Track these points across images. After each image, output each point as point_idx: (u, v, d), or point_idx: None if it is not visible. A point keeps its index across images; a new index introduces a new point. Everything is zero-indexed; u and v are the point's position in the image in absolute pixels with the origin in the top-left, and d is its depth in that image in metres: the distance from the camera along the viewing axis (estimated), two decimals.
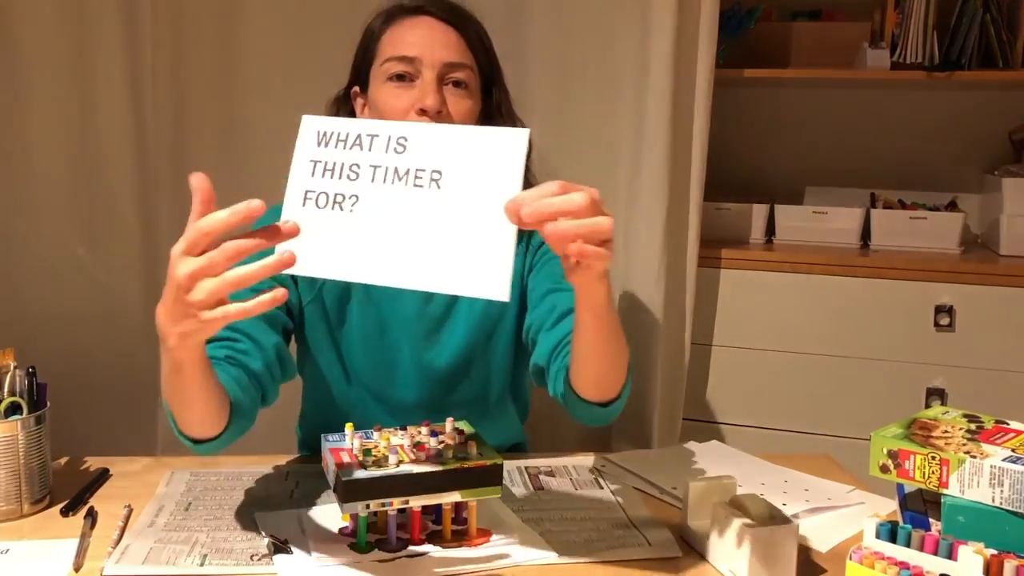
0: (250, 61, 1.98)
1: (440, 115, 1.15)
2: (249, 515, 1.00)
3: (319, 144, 0.91)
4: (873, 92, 2.44)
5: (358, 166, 0.90)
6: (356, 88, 1.26)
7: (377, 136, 0.91)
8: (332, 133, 0.92)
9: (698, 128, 1.98)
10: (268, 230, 0.80)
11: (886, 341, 2.02)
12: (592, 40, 1.96)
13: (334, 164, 0.91)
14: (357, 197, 0.89)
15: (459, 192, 0.88)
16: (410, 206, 0.89)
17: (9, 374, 1.02)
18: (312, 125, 0.93)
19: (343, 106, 1.28)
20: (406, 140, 0.91)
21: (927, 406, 1.98)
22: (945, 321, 1.97)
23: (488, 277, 0.86)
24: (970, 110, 2.39)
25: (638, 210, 1.96)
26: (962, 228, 2.16)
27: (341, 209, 0.89)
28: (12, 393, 1.02)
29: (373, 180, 0.90)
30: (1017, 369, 1.96)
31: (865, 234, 2.23)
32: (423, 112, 1.14)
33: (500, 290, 0.86)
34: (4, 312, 1.94)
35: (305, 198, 0.90)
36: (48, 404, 1.05)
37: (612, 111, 1.98)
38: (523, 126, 1.25)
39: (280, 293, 0.80)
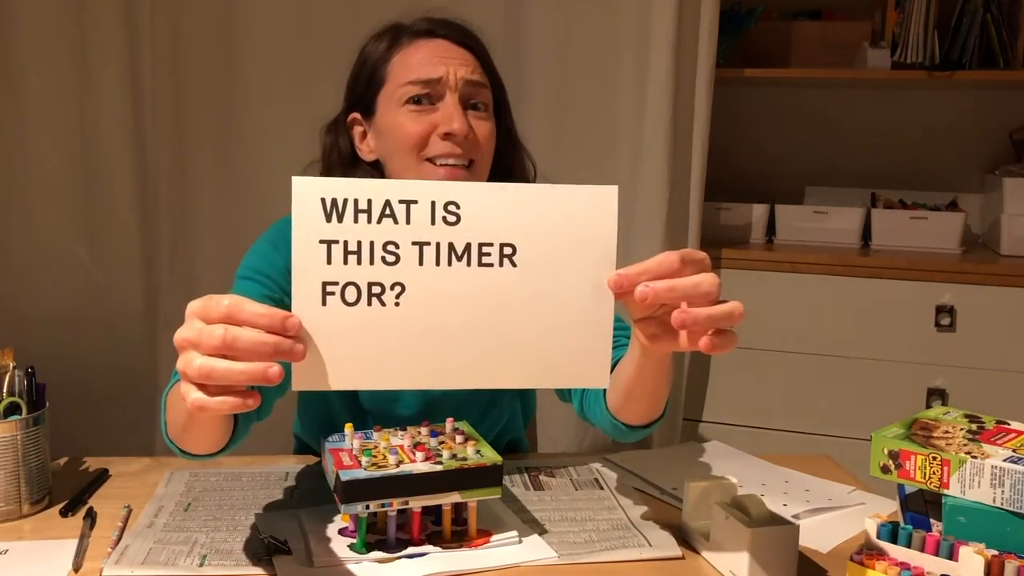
0: (249, 62, 1.98)
1: (467, 139, 1.08)
2: (248, 515, 1.00)
3: (328, 217, 0.71)
4: (873, 92, 2.44)
5: (396, 245, 0.72)
6: (356, 114, 1.16)
7: (415, 202, 0.73)
8: (346, 201, 0.71)
9: (698, 128, 1.99)
10: (280, 348, 0.69)
11: (887, 341, 2.02)
12: (592, 40, 1.96)
13: (359, 244, 0.72)
14: (403, 286, 0.73)
15: (540, 269, 0.75)
16: (478, 291, 0.74)
17: (8, 374, 1.02)
18: (311, 191, 0.71)
19: (342, 133, 1.18)
20: (457, 206, 0.73)
21: (928, 406, 1.98)
22: (946, 321, 1.97)
23: (584, 364, 0.76)
24: (970, 110, 2.39)
25: (638, 210, 1.96)
26: (963, 228, 2.17)
27: (382, 303, 0.72)
28: (11, 393, 1.02)
29: (422, 262, 0.73)
30: (1018, 369, 1.96)
31: (866, 234, 2.23)
32: (448, 136, 1.06)
33: (600, 377, 0.77)
34: (4, 312, 1.94)
35: (325, 293, 0.72)
36: (47, 404, 1.05)
37: (612, 111, 1.98)
38: (528, 154, 1.23)
39: (253, 402, 0.71)
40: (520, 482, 1.12)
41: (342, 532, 0.95)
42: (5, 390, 1.01)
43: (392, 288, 0.73)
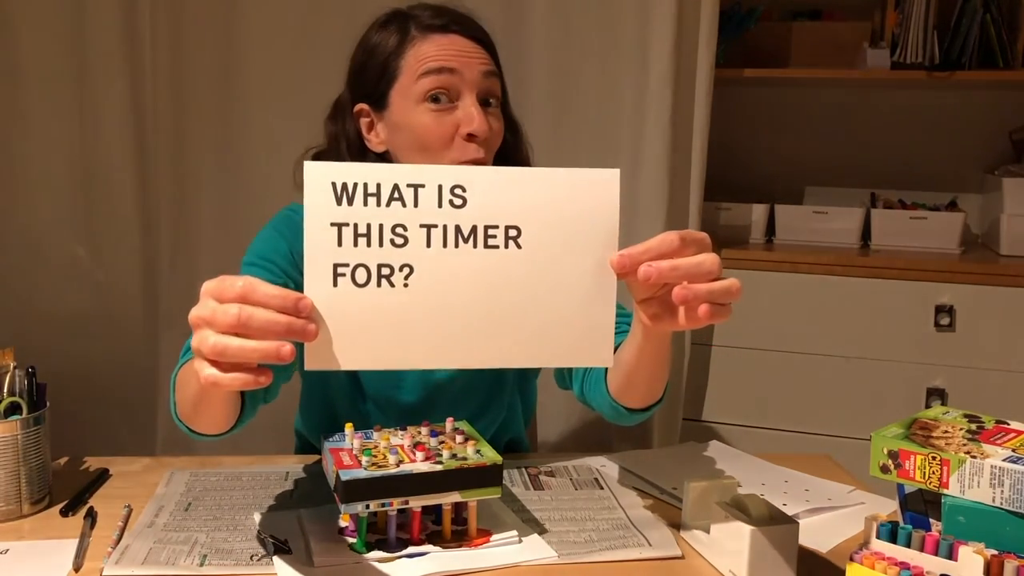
0: (250, 62, 1.98)
1: (486, 141, 1.09)
2: (249, 515, 1.00)
3: (339, 201, 0.73)
4: (873, 92, 2.44)
5: (404, 227, 0.74)
6: (364, 105, 1.14)
7: (423, 186, 0.75)
8: (356, 185, 0.73)
9: (698, 128, 1.99)
10: (293, 327, 0.71)
11: (886, 341, 2.02)
12: (592, 40, 1.96)
13: (368, 227, 0.74)
14: (411, 267, 0.75)
15: (545, 250, 0.76)
16: (484, 272, 0.76)
17: (9, 374, 1.02)
18: (322, 175, 0.73)
19: (348, 120, 1.16)
20: (464, 190, 0.75)
21: (927, 406, 1.98)
22: (945, 321, 1.97)
23: (588, 342, 0.77)
24: (970, 110, 2.39)
25: (638, 210, 1.96)
26: (962, 228, 2.17)
27: (391, 284, 0.74)
28: (12, 393, 1.02)
29: (429, 244, 0.75)
30: (1017, 369, 1.96)
31: (865, 234, 2.24)
32: (471, 136, 1.07)
33: (603, 355, 0.78)
34: (4, 312, 1.94)
35: (336, 275, 0.74)
36: (48, 404, 1.05)
37: (612, 111, 1.98)
38: (524, 135, 1.23)
39: (264, 379, 0.72)
40: (520, 482, 1.12)
41: (342, 532, 0.95)
42: (5, 390, 1.01)
43: (401, 270, 0.75)
